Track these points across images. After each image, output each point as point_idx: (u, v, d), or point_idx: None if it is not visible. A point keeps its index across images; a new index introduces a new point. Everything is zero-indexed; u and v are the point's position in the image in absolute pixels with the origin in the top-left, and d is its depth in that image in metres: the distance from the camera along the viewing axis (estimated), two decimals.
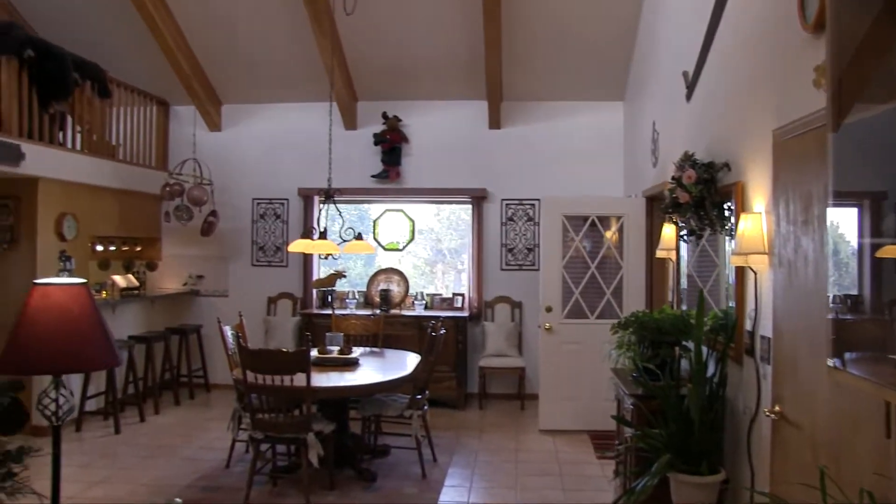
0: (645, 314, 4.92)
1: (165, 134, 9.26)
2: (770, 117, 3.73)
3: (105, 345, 2.45)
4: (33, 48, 6.65)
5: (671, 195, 4.81)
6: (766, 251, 3.76)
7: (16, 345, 2.38)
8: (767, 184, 3.77)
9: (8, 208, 7.07)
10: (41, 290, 2.43)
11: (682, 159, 4.84)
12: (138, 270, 8.94)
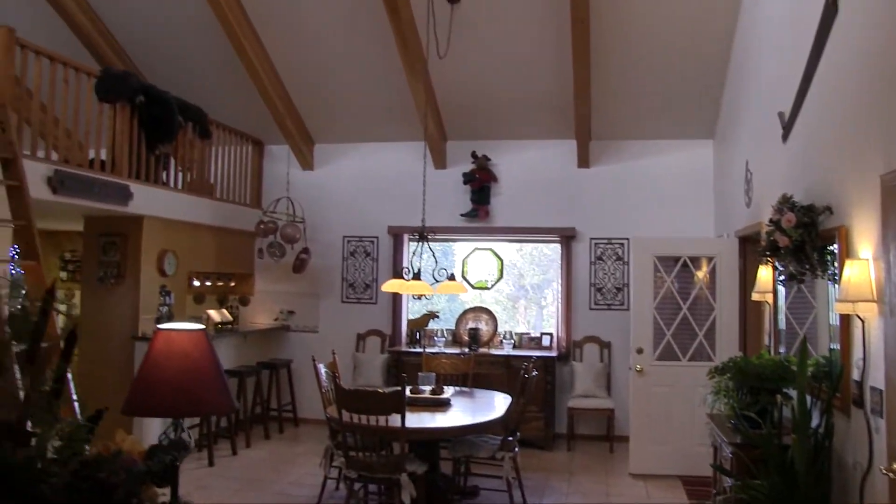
0: (743, 359, 4.82)
1: (260, 173, 9.54)
2: (878, 160, 3.64)
3: (222, 390, 2.54)
4: (144, 94, 6.99)
5: (769, 238, 4.72)
6: (874, 299, 3.66)
7: (140, 387, 2.49)
8: (875, 229, 3.66)
9: (116, 245, 7.39)
10: (164, 336, 2.54)
11: (780, 202, 4.75)
12: (232, 305, 9.20)
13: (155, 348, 2.52)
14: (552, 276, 9.27)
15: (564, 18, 6.93)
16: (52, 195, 5.97)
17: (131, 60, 8.47)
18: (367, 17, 7.41)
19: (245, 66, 7.92)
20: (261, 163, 9.56)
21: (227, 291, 9.27)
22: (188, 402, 2.47)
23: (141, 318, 7.45)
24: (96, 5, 7.94)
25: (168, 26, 8.02)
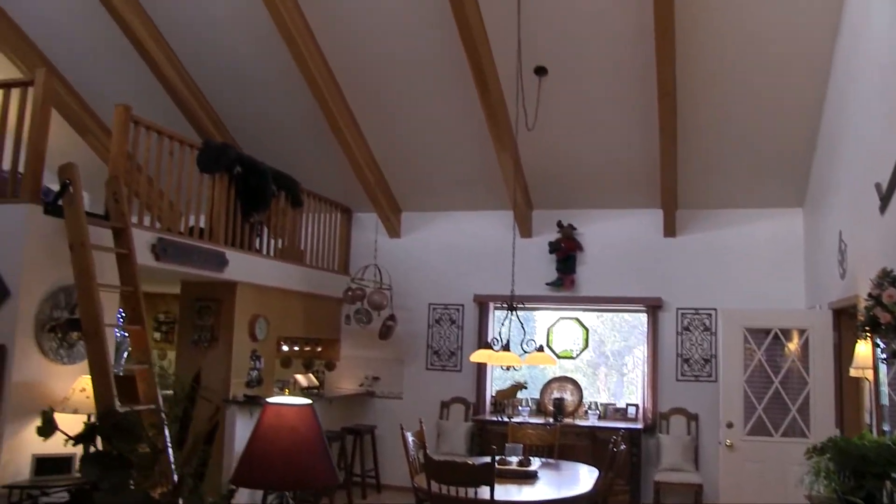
0: (843, 439, 4.66)
1: (348, 240, 9.76)
2: None
3: (327, 463, 2.60)
4: (241, 165, 7.29)
5: (868, 313, 4.59)
6: None
7: (250, 460, 2.57)
8: None
9: (210, 310, 7.62)
10: (274, 410, 2.62)
11: (880, 276, 4.63)
12: (318, 370, 9.35)
13: (264, 422, 2.61)
14: (633, 342, 9.17)
15: (650, 90, 6.99)
16: (155, 262, 6.23)
17: (229, 132, 8.84)
18: (455, 89, 7.60)
19: (336, 137, 8.18)
20: (349, 230, 9.79)
21: (314, 356, 9.43)
22: (296, 475, 2.53)
23: (232, 382, 7.62)
24: (199, 81, 8.34)
25: (263, 99, 8.37)
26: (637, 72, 7.05)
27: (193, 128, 8.54)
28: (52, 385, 5.42)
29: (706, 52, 6.76)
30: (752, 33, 6.52)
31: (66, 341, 5.51)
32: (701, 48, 6.69)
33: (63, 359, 5.51)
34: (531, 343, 6.26)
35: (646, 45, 6.63)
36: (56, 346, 5.45)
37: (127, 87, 8.40)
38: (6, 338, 5.17)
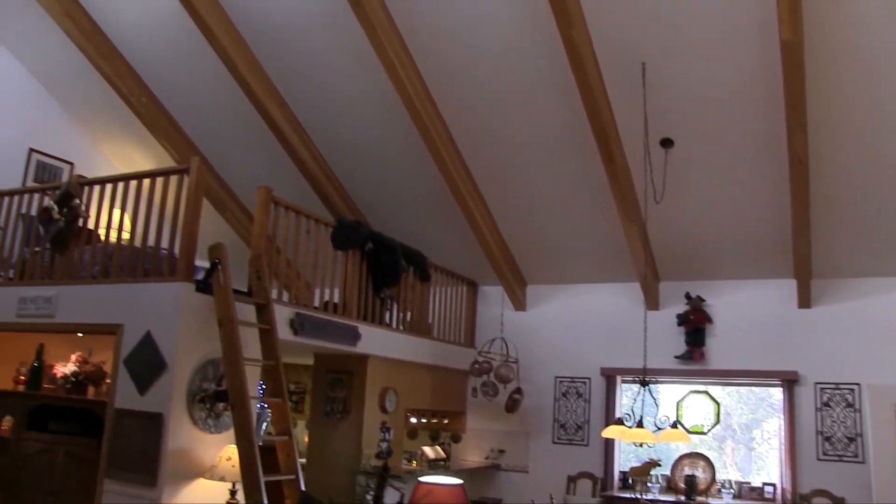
0: None
1: (474, 313, 9.88)
2: None
3: None
4: (372, 241, 7.57)
5: None
6: None
7: None
8: None
9: (343, 382, 7.82)
10: (426, 488, 2.70)
11: None
12: (444, 442, 9.40)
13: (416, 499, 2.69)
14: (761, 415, 8.82)
15: (780, 157, 6.89)
16: (293, 336, 6.49)
17: (359, 210, 9.20)
18: (580, 162, 7.69)
19: (462, 212, 8.38)
20: (475, 303, 9.92)
21: (440, 428, 9.50)
22: None
23: (363, 453, 7.76)
24: (331, 162, 8.76)
25: (392, 177, 8.70)
26: (766, 140, 6.97)
27: (326, 207, 8.92)
28: (200, 453, 5.68)
29: (837, 118, 6.62)
30: (883, 97, 6.37)
31: (213, 411, 5.77)
32: (831, 114, 6.56)
33: (211, 428, 5.77)
34: (664, 419, 6.14)
35: (775, 113, 6.56)
36: (205, 415, 5.72)
37: (263, 168, 8.92)
38: (163, 407, 5.48)
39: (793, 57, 5.86)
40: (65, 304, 6.35)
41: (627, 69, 6.66)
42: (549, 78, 6.98)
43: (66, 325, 6.37)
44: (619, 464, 8.96)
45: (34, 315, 6.47)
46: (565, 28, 6.18)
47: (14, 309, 6.60)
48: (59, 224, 6.47)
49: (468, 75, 7.24)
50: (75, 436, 6.49)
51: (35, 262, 6.79)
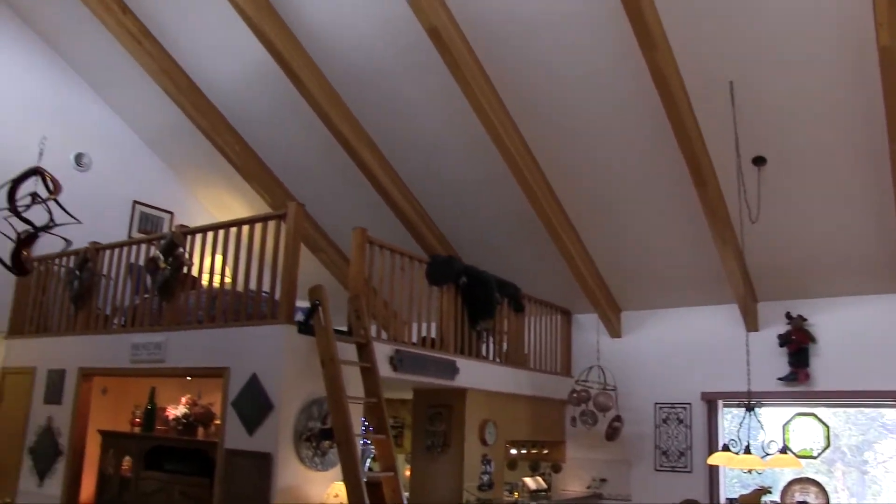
0: None
1: (569, 342, 9.83)
2: None
3: None
4: (466, 275, 7.64)
5: None
6: None
7: None
8: None
9: (442, 416, 7.88)
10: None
11: None
12: (544, 472, 9.33)
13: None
14: (873, 436, 8.46)
15: (881, 167, 6.67)
16: (393, 373, 6.59)
17: (451, 245, 9.29)
18: (670, 185, 7.61)
19: (553, 241, 8.38)
20: (569, 332, 9.86)
21: (540, 458, 9.45)
22: None
23: (465, 486, 7.77)
24: (422, 200, 8.92)
25: (481, 211, 8.79)
26: (865, 151, 6.75)
27: (419, 244, 9.06)
28: (308, 490, 5.79)
29: None
30: None
31: (319, 449, 5.89)
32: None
33: (317, 466, 5.89)
34: (771, 444, 5.98)
35: (874, 123, 6.37)
36: (311, 454, 5.84)
37: (355, 209, 9.12)
38: (271, 446, 5.63)
39: (892, 63, 5.68)
40: (174, 348, 6.60)
41: (714, 88, 6.59)
42: (636, 102, 6.95)
43: (175, 370, 6.62)
44: (724, 491, 8.73)
45: (146, 360, 6.76)
46: (648, 50, 6.17)
47: (128, 355, 6.91)
48: (165, 272, 6.75)
49: (553, 105, 7.28)
50: (189, 475, 6.69)
51: (144, 309, 7.09)
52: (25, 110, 8.90)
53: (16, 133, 8.67)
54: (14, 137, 8.63)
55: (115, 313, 7.59)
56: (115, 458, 7.32)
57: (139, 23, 8.22)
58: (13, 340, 8.42)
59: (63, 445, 7.41)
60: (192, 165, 10.02)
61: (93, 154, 9.31)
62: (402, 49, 7.24)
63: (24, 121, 8.81)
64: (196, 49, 8.37)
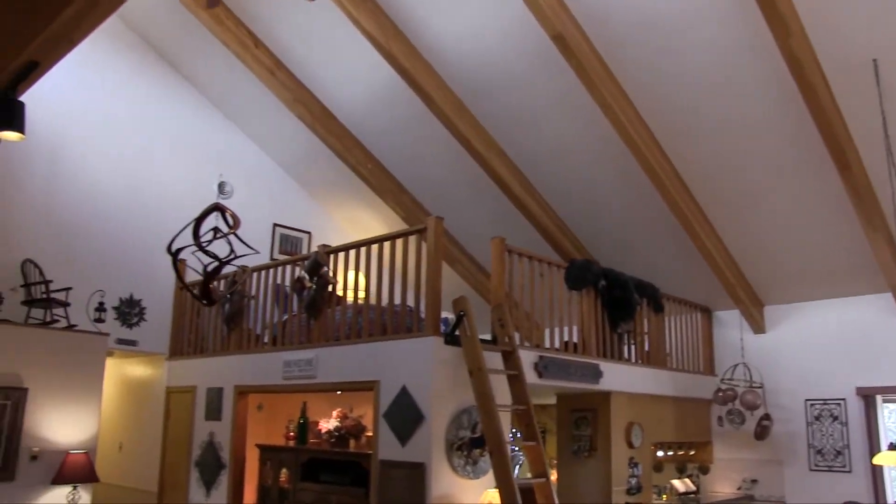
0: None
1: (710, 340, 9.60)
2: None
3: None
4: (605, 279, 7.61)
5: None
6: None
7: None
8: None
9: (587, 420, 7.87)
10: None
11: None
12: (692, 474, 9.15)
13: None
14: None
15: None
16: (538, 379, 6.64)
17: (586, 249, 9.25)
18: (810, 173, 7.33)
19: (690, 238, 8.22)
20: (710, 329, 9.64)
21: (686, 460, 9.27)
22: None
23: (613, 490, 7.72)
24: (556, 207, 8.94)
25: (615, 213, 8.70)
26: None
27: (554, 249, 9.06)
28: (461, 498, 5.90)
29: None
30: None
31: (470, 458, 5.99)
32: None
33: (469, 474, 5.99)
34: None
35: None
36: (463, 462, 5.94)
37: (488, 218, 9.22)
38: (424, 456, 5.77)
39: None
40: (323, 364, 6.86)
41: (855, 68, 6.31)
42: (769, 89, 6.74)
43: (325, 385, 6.87)
44: (892, 492, 8.31)
45: (298, 377, 7.04)
46: (782, 37, 5.98)
47: (280, 372, 7.22)
48: (311, 291, 7.02)
49: (683, 100, 7.14)
50: (344, 485, 6.92)
51: (292, 327, 7.39)
52: (173, 146, 9.48)
53: (164, 167, 9.35)
54: (162, 170, 9.33)
55: (264, 332, 7.94)
56: (272, 470, 7.67)
57: (272, 55, 8.58)
58: (174, 361, 8.94)
59: (225, 459, 7.81)
60: (326, 186, 10.38)
61: (234, 181, 9.78)
62: (526, 57, 7.28)
63: (170, 155, 9.43)
64: (326, 75, 8.66)
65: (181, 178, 9.45)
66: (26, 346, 7.51)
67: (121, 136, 9.05)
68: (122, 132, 9.08)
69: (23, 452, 7.29)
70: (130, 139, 9.14)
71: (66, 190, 8.55)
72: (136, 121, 9.22)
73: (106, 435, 8.82)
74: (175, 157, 9.47)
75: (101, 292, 8.41)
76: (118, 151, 9.00)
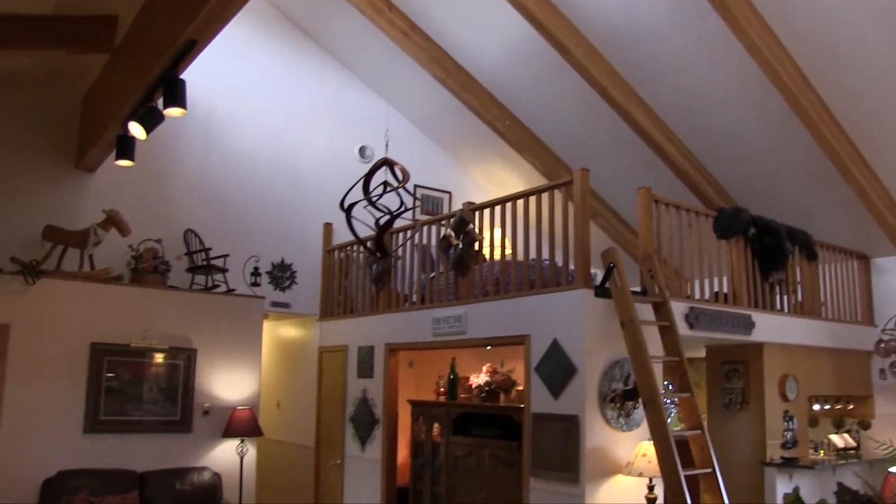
0: None
1: (868, 288, 9.14)
2: None
3: None
4: (755, 226, 7.37)
5: None
6: None
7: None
8: None
9: (738, 372, 7.69)
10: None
11: None
12: (850, 429, 8.79)
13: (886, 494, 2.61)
14: None
15: None
16: (689, 331, 6.52)
17: (732, 198, 8.96)
18: None
19: (846, 181, 7.81)
20: (868, 278, 9.17)
21: (844, 414, 8.91)
22: None
23: (768, 444, 7.54)
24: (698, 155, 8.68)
25: (762, 158, 8.35)
26: None
27: (698, 198, 8.83)
28: (615, 450, 5.91)
29: None
30: None
31: (623, 410, 5.98)
32: None
33: (622, 426, 5.98)
34: None
35: None
36: (616, 414, 5.94)
37: (628, 169, 9.07)
38: (577, 409, 5.80)
39: None
40: (473, 320, 6.97)
41: None
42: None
43: (475, 341, 6.98)
44: None
45: (447, 333, 7.19)
46: None
47: (430, 329, 7.39)
48: (458, 249, 7.12)
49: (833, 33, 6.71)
50: (496, 439, 7.05)
51: (440, 285, 7.53)
52: (314, 114, 9.83)
53: (307, 135, 9.72)
54: (306, 138, 9.71)
55: (412, 292, 8.12)
56: (425, 425, 7.89)
57: (405, 17, 8.67)
58: (325, 322, 9.30)
59: (378, 415, 8.09)
60: (464, 144, 10.47)
61: (373, 145, 10.01)
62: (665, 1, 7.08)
63: (313, 124, 9.79)
64: (459, 33, 8.69)
65: (324, 146, 9.79)
66: (193, 310, 8.00)
67: (266, 108, 9.45)
68: (267, 103, 9.47)
69: (196, 408, 7.84)
70: (275, 110, 9.52)
71: (219, 162, 9.01)
72: (279, 91, 9.59)
73: (264, 393, 9.29)
74: (317, 124, 9.80)
75: (255, 258, 8.85)
76: (265, 122, 9.40)
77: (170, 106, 5.65)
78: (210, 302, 8.16)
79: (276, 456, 9.71)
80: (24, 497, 6.82)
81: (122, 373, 7.51)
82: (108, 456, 7.28)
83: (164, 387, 7.70)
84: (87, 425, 7.27)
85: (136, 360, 7.60)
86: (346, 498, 8.50)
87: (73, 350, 7.30)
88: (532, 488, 6.18)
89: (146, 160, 7.87)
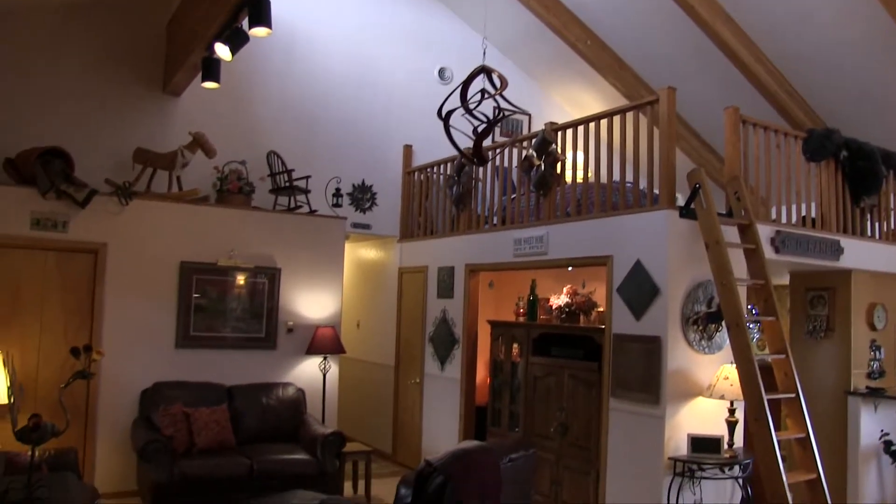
0: None
1: None
2: None
3: None
4: (847, 149, 7.11)
5: None
6: None
7: None
8: None
9: (823, 299, 7.53)
10: None
11: None
12: None
13: None
14: None
15: None
16: (774, 255, 6.39)
17: (822, 120, 8.65)
18: None
19: None
20: None
21: None
22: None
23: (853, 373, 7.41)
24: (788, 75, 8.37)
25: (858, 80, 8.02)
26: None
27: (786, 120, 8.55)
28: (696, 372, 5.90)
29: None
30: None
31: (705, 333, 5.95)
32: None
33: (704, 349, 5.95)
34: None
35: None
36: (698, 337, 5.91)
37: (713, 90, 8.81)
38: (659, 330, 5.80)
39: None
40: (554, 241, 6.97)
41: None
42: None
43: (557, 261, 6.98)
44: None
45: (529, 254, 7.21)
46: None
47: (510, 250, 7.43)
48: (540, 169, 7.08)
49: None
50: (575, 360, 7.09)
51: (521, 206, 7.52)
52: (394, 36, 9.82)
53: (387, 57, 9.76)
54: (386, 60, 9.75)
55: (492, 213, 8.13)
56: (504, 345, 7.98)
57: None
58: (405, 243, 9.42)
59: (457, 335, 8.22)
60: (544, 65, 10.32)
61: (453, 67, 9.94)
62: None
63: (393, 45, 9.80)
64: None
65: (404, 68, 9.78)
66: (276, 230, 8.19)
67: (346, 29, 9.45)
68: (347, 24, 9.48)
69: (280, 326, 8.10)
70: (355, 31, 9.51)
71: (300, 83, 9.09)
72: (359, 12, 9.56)
73: (345, 314, 9.49)
74: (397, 46, 9.78)
75: (336, 179, 8.97)
76: (345, 44, 9.41)
77: (255, 26, 5.70)
78: (293, 222, 8.32)
79: (357, 374, 9.99)
80: (126, 406, 7.22)
81: (210, 291, 7.79)
82: (198, 370, 7.62)
83: (250, 305, 7.96)
84: (178, 340, 7.61)
85: (223, 279, 7.85)
86: (425, 416, 8.73)
87: (164, 268, 7.59)
88: (612, 408, 6.24)
89: (229, 84, 8.00)
